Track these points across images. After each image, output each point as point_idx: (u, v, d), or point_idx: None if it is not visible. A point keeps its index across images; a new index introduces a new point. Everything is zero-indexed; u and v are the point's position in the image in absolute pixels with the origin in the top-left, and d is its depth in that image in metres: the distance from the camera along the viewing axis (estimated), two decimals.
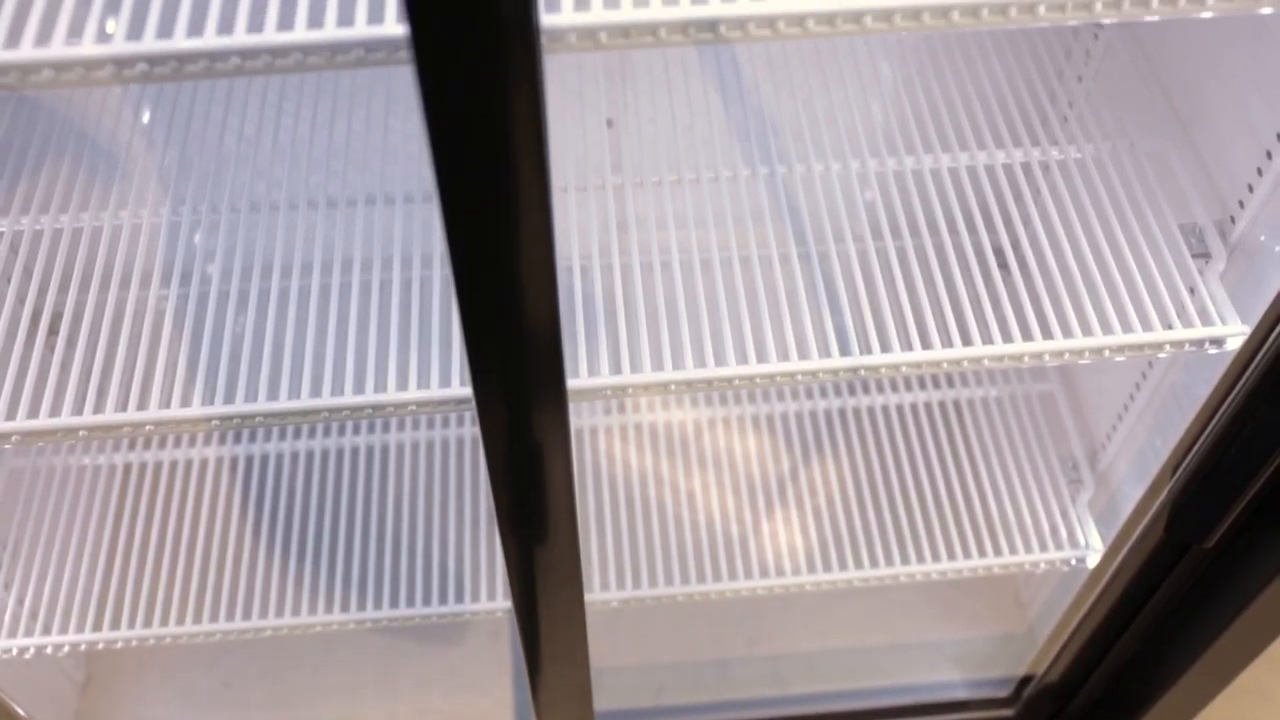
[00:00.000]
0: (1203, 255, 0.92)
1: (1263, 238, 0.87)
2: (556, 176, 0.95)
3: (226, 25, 0.63)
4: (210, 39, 0.61)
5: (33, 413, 0.86)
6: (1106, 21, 0.66)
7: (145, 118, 1.07)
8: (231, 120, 1.05)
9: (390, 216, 1.00)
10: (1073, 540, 1.15)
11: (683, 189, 1.00)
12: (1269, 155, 0.85)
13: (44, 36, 0.62)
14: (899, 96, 1.06)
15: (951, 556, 1.16)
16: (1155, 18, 0.66)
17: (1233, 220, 0.91)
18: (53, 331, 0.97)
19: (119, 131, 1.04)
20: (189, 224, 0.99)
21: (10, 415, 0.85)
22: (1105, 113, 1.02)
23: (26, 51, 0.61)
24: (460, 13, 0.51)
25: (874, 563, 1.16)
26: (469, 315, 0.64)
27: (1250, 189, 0.88)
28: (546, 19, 0.62)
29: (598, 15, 0.62)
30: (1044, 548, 1.15)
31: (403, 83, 1.06)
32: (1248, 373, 0.88)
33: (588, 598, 0.95)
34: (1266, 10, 0.66)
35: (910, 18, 0.64)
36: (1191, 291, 0.90)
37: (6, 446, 0.86)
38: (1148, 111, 0.99)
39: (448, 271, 0.94)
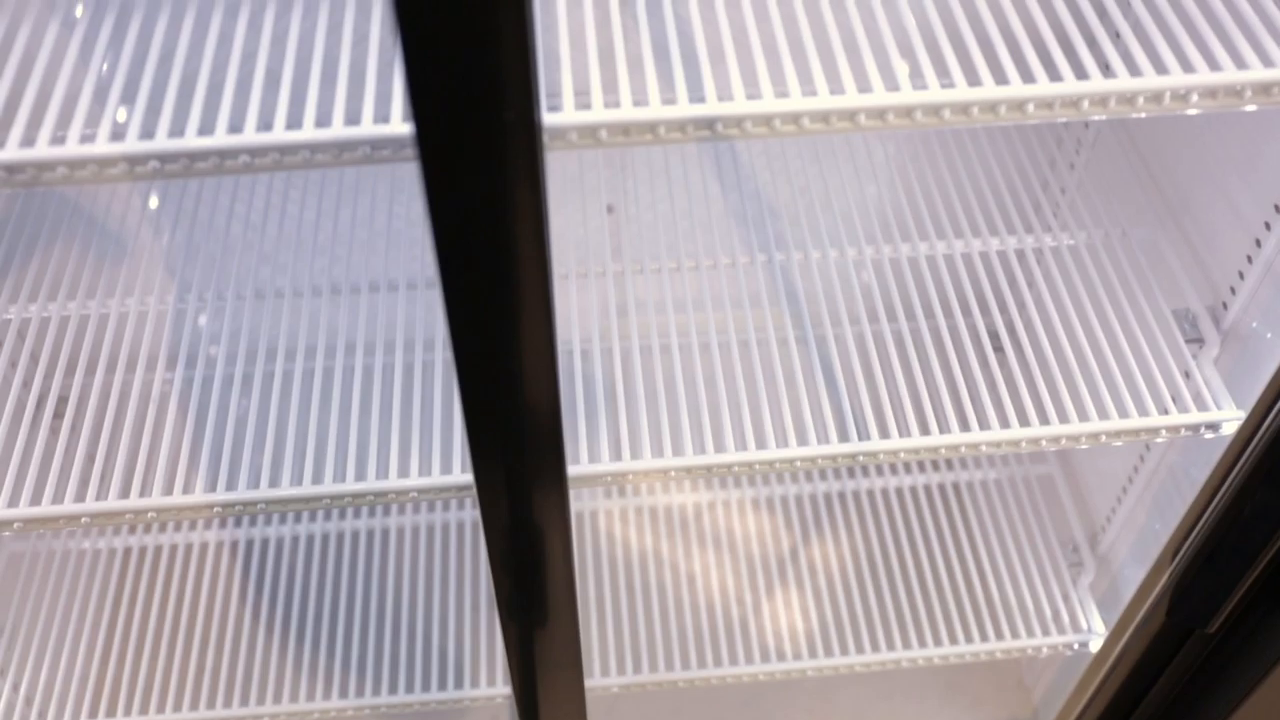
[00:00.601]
0: (1196, 340, 0.93)
1: (1255, 324, 0.88)
2: (557, 263, 0.97)
3: (237, 123, 0.65)
4: (221, 138, 0.63)
5: (35, 499, 0.86)
6: (1094, 118, 0.67)
7: (153, 203, 1.08)
8: (238, 208, 1.07)
9: (393, 303, 1.01)
10: (1075, 624, 1.15)
11: (682, 276, 1.01)
12: (1258, 243, 0.87)
13: (59, 133, 0.64)
14: (895, 183, 1.08)
15: (953, 641, 1.15)
16: (1142, 115, 0.67)
17: (1225, 306, 0.92)
18: (57, 415, 0.98)
19: (127, 217, 1.06)
20: (194, 310, 1.01)
21: (13, 502, 0.86)
22: (1097, 200, 1.04)
23: (42, 150, 0.63)
24: (464, 114, 0.52)
25: (875, 647, 1.16)
26: (470, 401, 0.65)
27: (1241, 275, 0.89)
28: (548, 118, 0.63)
29: (598, 114, 0.63)
30: (1046, 632, 1.15)
31: (407, 169, 1.08)
32: (1244, 456, 0.89)
33: (588, 683, 0.94)
34: (1250, 107, 0.68)
35: (903, 115, 0.65)
36: (1187, 376, 0.91)
37: (6, 533, 0.86)
38: (1138, 199, 1.01)
39: (449, 355, 0.95)
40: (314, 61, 0.69)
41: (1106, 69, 0.68)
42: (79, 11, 0.73)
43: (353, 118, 0.64)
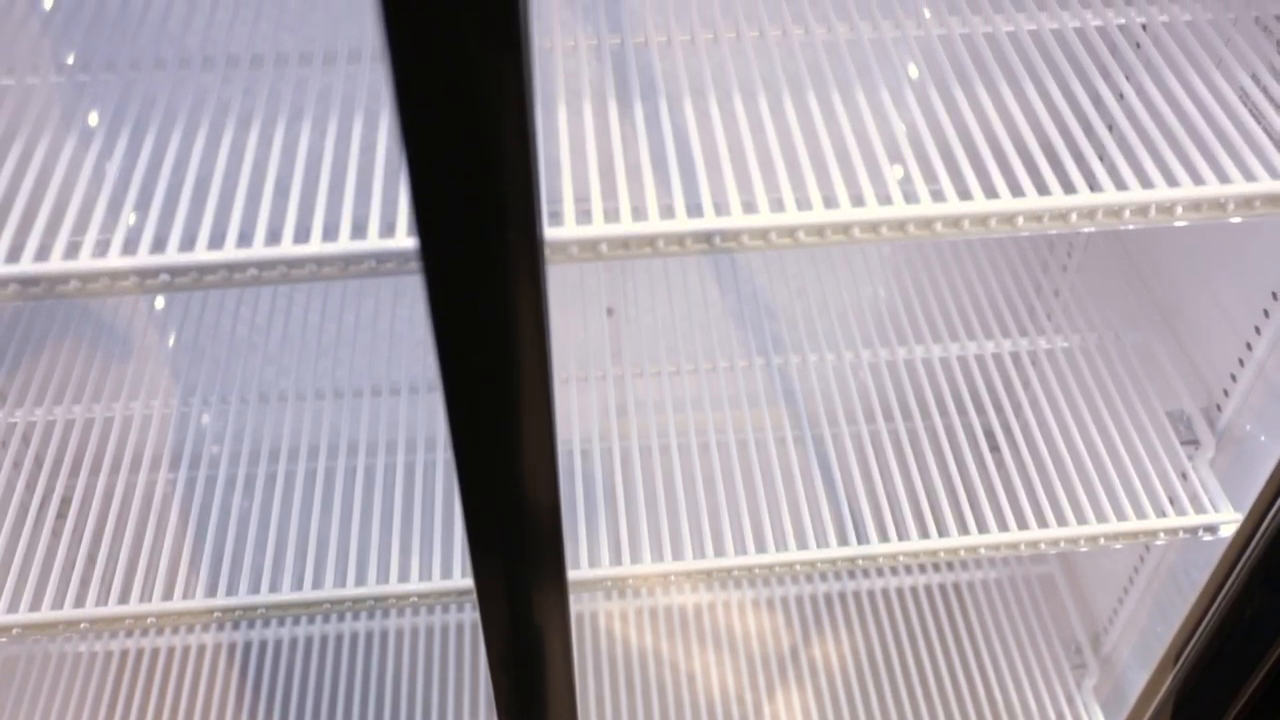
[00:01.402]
0: (1192, 442, 0.94)
1: (1249, 426, 0.89)
2: (558, 367, 0.98)
3: (247, 232, 0.66)
4: (230, 251, 0.65)
5: (35, 604, 0.86)
6: (1084, 230, 0.69)
7: (158, 303, 1.10)
8: (243, 310, 1.08)
9: (395, 406, 1.02)
10: None
11: (681, 379, 1.03)
12: (1248, 346, 0.88)
13: (73, 240, 0.66)
14: (891, 285, 1.10)
15: None
16: (1130, 226, 0.69)
17: (1219, 408, 0.93)
18: (60, 515, 0.98)
19: (133, 318, 1.08)
20: (198, 412, 1.02)
21: (12, 607, 0.86)
22: (1090, 303, 1.05)
23: (56, 264, 0.64)
24: (468, 234, 0.54)
25: None
26: (470, 504, 0.66)
27: (1233, 378, 0.90)
28: (549, 232, 0.65)
29: (598, 229, 0.65)
30: None
31: (410, 274, 1.09)
32: (1243, 559, 0.89)
33: None
34: (1235, 219, 0.70)
35: (896, 229, 0.67)
36: (1183, 477, 0.92)
37: (3, 639, 0.86)
38: (1131, 301, 1.03)
39: (450, 455, 0.96)
40: (322, 171, 0.70)
41: (1093, 182, 0.69)
42: (93, 120, 0.75)
43: (359, 228, 0.66)
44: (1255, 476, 0.87)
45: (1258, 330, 0.87)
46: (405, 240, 0.65)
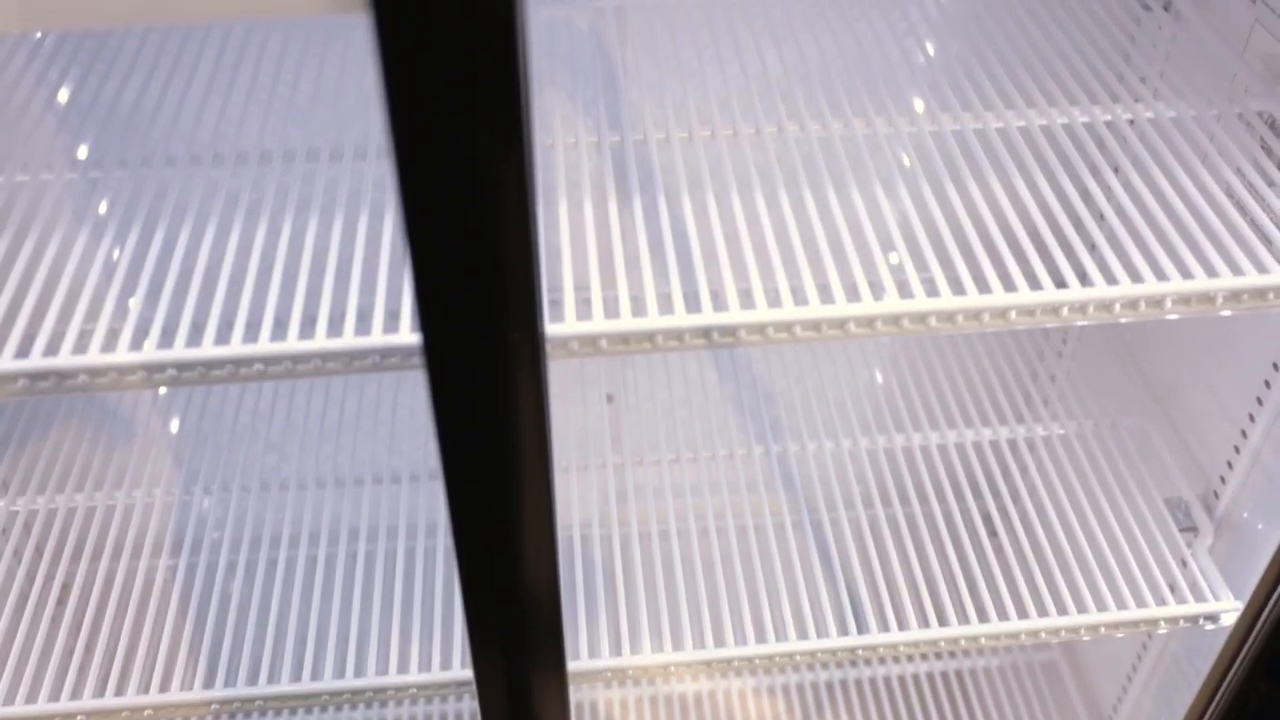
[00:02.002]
0: (1190, 529, 0.94)
1: (1246, 514, 0.89)
2: (558, 456, 0.98)
3: (254, 322, 0.67)
4: (236, 347, 0.66)
5: (31, 697, 0.85)
6: (1077, 324, 0.70)
7: (162, 389, 1.11)
8: (246, 397, 1.09)
9: (396, 494, 1.03)
10: None
11: (681, 467, 1.03)
12: (1243, 434, 0.89)
13: (84, 329, 0.67)
14: (888, 372, 1.11)
15: None
16: (1122, 320, 0.70)
17: (1216, 495, 0.93)
18: (60, 602, 0.98)
19: (137, 404, 1.08)
20: (199, 500, 1.02)
21: (9, 700, 0.85)
22: (1085, 390, 1.06)
23: (64, 359, 0.65)
24: (470, 331, 0.55)
25: None
26: (471, 594, 0.66)
27: (1229, 465, 0.91)
28: (550, 328, 0.66)
29: (598, 325, 0.66)
30: None
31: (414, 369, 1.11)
32: (1245, 648, 0.89)
33: None
34: (1225, 312, 0.71)
35: (890, 323, 0.68)
36: (1183, 565, 0.92)
37: None
38: (1126, 388, 1.04)
39: (450, 542, 0.96)
40: (329, 262, 0.72)
41: (1084, 276, 0.71)
42: (105, 214, 0.77)
43: (364, 318, 0.67)
44: (1255, 563, 0.87)
45: (1251, 418, 0.88)
46: (409, 336, 0.66)
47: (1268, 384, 0.86)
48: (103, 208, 0.77)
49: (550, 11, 0.93)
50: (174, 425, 1.10)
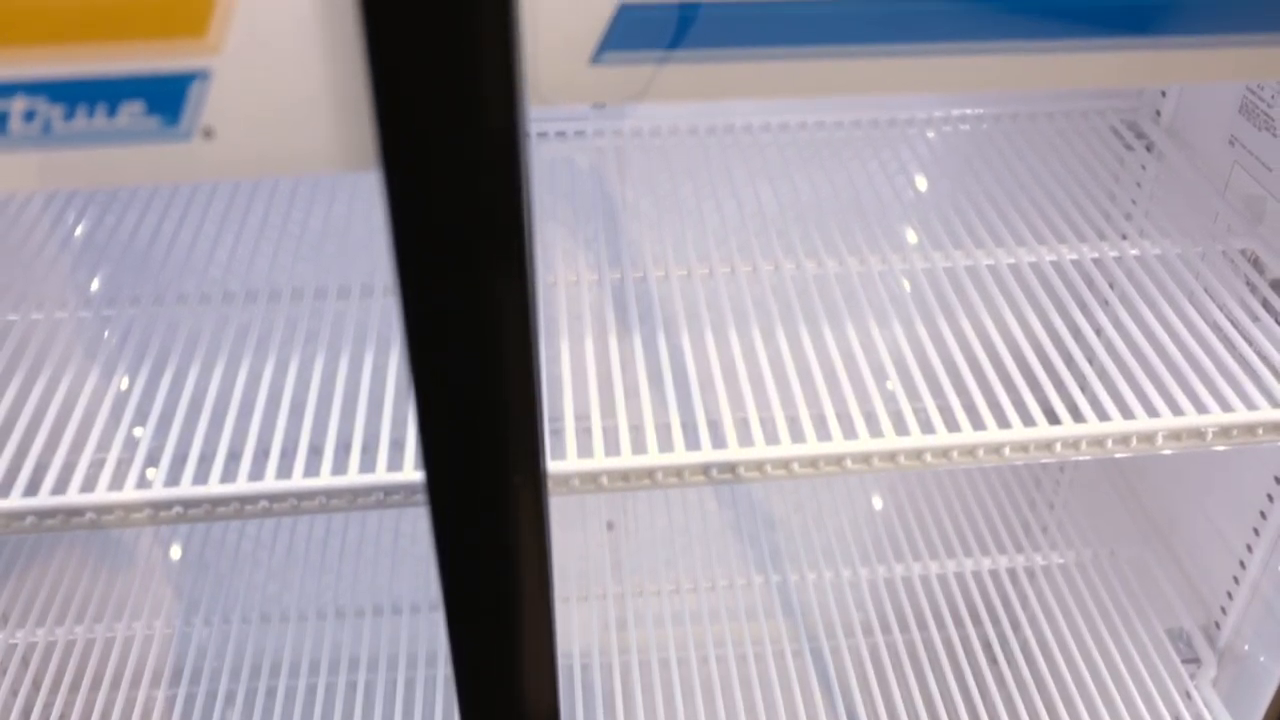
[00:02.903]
0: (1193, 660, 0.93)
1: (1247, 646, 0.89)
2: (559, 586, 0.99)
3: (259, 463, 0.69)
4: (242, 485, 0.67)
5: None
6: (1071, 459, 0.71)
7: (173, 555, 1.11)
8: (248, 526, 1.09)
9: (397, 624, 1.02)
10: None
11: (681, 597, 1.03)
12: (1242, 565, 0.89)
13: (89, 477, 0.68)
14: (887, 500, 1.12)
15: None
16: (1115, 455, 0.71)
17: (1218, 626, 0.93)
18: None
19: (139, 534, 1.09)
20: (200, 631, 1.02)
21: None
22: (1084, 518, 1.07)
23: (72, 497, 0.66)
24: (474, 470, 0.56)
25: None
26: None
27: (1230, 596, 0.91)
28: (552, 465, 0.67)
29: (599, 462, 0.67)
30: None
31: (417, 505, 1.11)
32: None
33: None
34: (1219, 447, 0.72)
35: (886, 459, 0.69)
36: (1187, 697, 0.91)
37: None
38: (1125, 517, 1.04)
39: (449, 671, 0.95)
40: (335, 393, 0.73)
41: (1076, 412, 0.72)
42: (116, 351, 0.79)
43: (369, 449, 0.68)
44: (1259, 698, 0.87)
45: (1249, 548, 0.88)
46: (412, 474, 0.67)
47: (1263, 515, 0.87)
48: (115, 344, 0.79)
49: (552, 150, 0.96)
50: (175, 553, 1.10)
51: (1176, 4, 0.54)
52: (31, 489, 0.67)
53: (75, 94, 0.48)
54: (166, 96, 0.48)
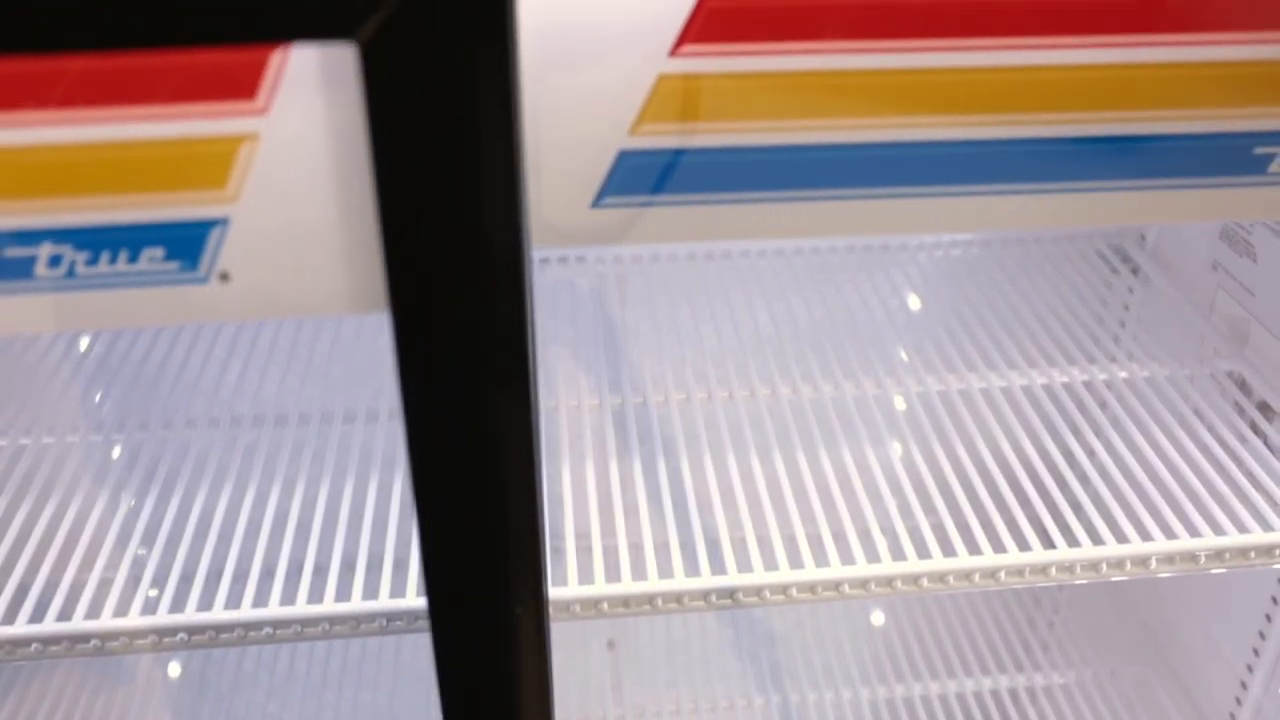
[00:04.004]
0: None
1: None
2: (560, 707, 0.98)
3: (263, 592, 0.69)
4: (246, 611, 0.67)
5: None
6: (1066, 583, 0.72)
7: (173, 672, 1.11)
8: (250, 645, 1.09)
9: None
10: None
11: (682, 718, 1.03)
12: (1244, 685, 0.89)
13: (95, 606, 0.68)
14: (888, 617, 1.12)
15: None
16: (1111, 579, 0.72)
17: None
18: None
19: (145, 687, 1.08)
20: None
21: None
22: (1084, 637, 1.07)
23: (77, 624, 0.67)
24: (476, 601, 0.57)
25: None
26: None
27: (1233, 717, 0.91)
28: (553, 591, 0.68)
29: (600, 588, 0.68)
30: None
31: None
32: None
33: None
34: (1217, 570, 0.73)
35: (884, 584, 0.70)
36: None
37: None
38: (1125, 635, 1.04)
39: None
40: (340, 513, 0.74)
41: (1070, 536, 0.73)
42: (125, 473, 0.80)
43: (374, 568, 0.69)
44: None
45: (1250, 669, 0.88)
46: (415, 600, 0.68)
47: (1262, 635, 0.87)
48: (124, 467, 0.80)
49: (554, 274, 0.99)
50: (174, 671, 1.10)
51: (1157, 150, 0.57)
52: (37, 614, 0.68)
53: (99, 241, 0.50)
54: (186, 243, 0.50)
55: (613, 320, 0.96)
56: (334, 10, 0.42)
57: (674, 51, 0.50)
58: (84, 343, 0.91)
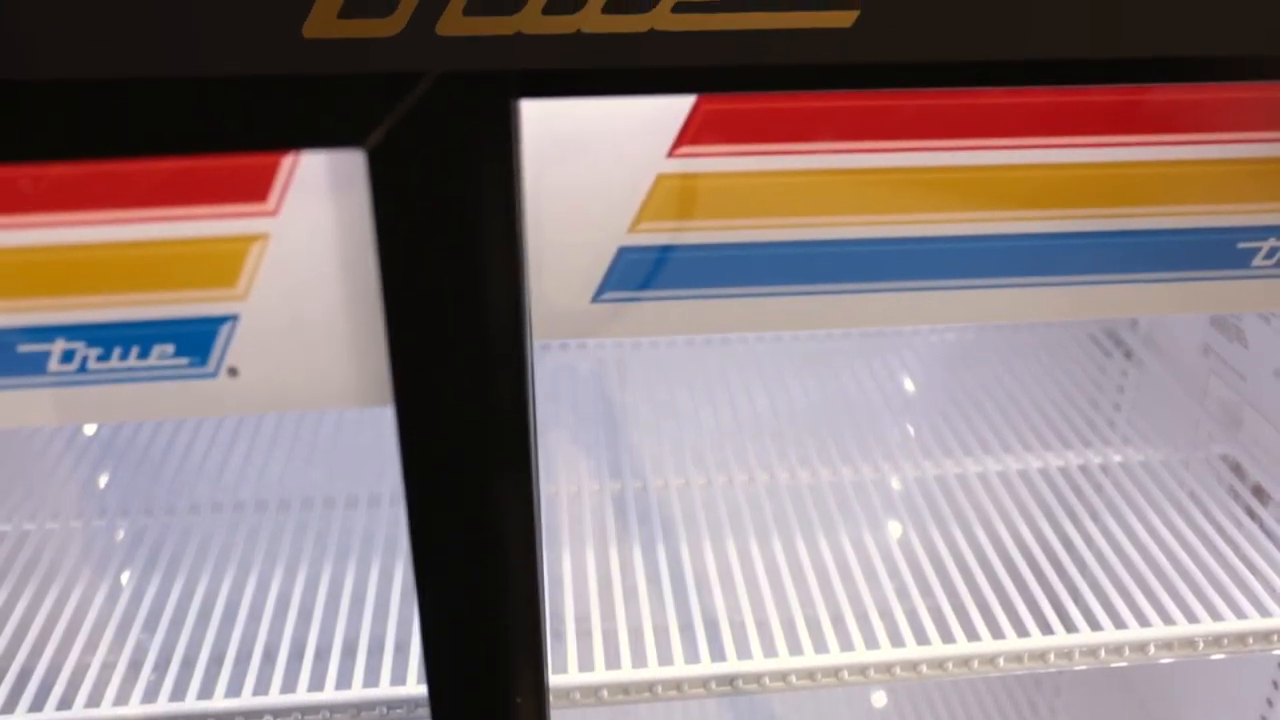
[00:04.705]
0: None
1: None
2: None
3: (265, 678, 0.69)
4: (247, 699, 0.68)
5: None
6: (1066, 669, 0.72)
7: None
8: None
9: None
10: None
11: None
12: None
13: (95, 695, 0.69)
14: (889, 699, 1.11)
15: None
16: (1110, 665, 0.72)
17: None
18: None
19: None
20: None
21: None
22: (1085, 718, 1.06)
23: (78, 712, 0.67)
24: (477, 691, 0.57)
25: None
26: None
27: None
28: (554, 679, 0.68)
29: (600, 675, 0.68)
30: None
31: None
32: None
33: None
34: (1217, 656, 0.73)
35: (883, 671, 0.70)
36: None
37: None
38: (1126, 719, 1.04)
39: None
40: (343, 597, 0.75)
41: (1068, 622, 0.73)
42: (129, 558, 0.81)
43: (375, 651, 0.69)
44: None
45: None
46: (416, 687, 0.68)
47: (1264, 719, 0.87)
48: (127, 553, 0.81)
49: (555, 359, 1.00)
50: None
51: (1144, 245, 0.58)
52: (38, 701, 0.68)
53: (112, 337, 0.51)
54: (196, 339, 0.51)
55: (612, 404, 0.98)
56: (344, 121, 0.44)
57: (672, 152, 0.52)
58: (89, 427, 0.92)
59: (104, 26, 0.40)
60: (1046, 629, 0.72)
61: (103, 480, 0.89)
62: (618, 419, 0.96)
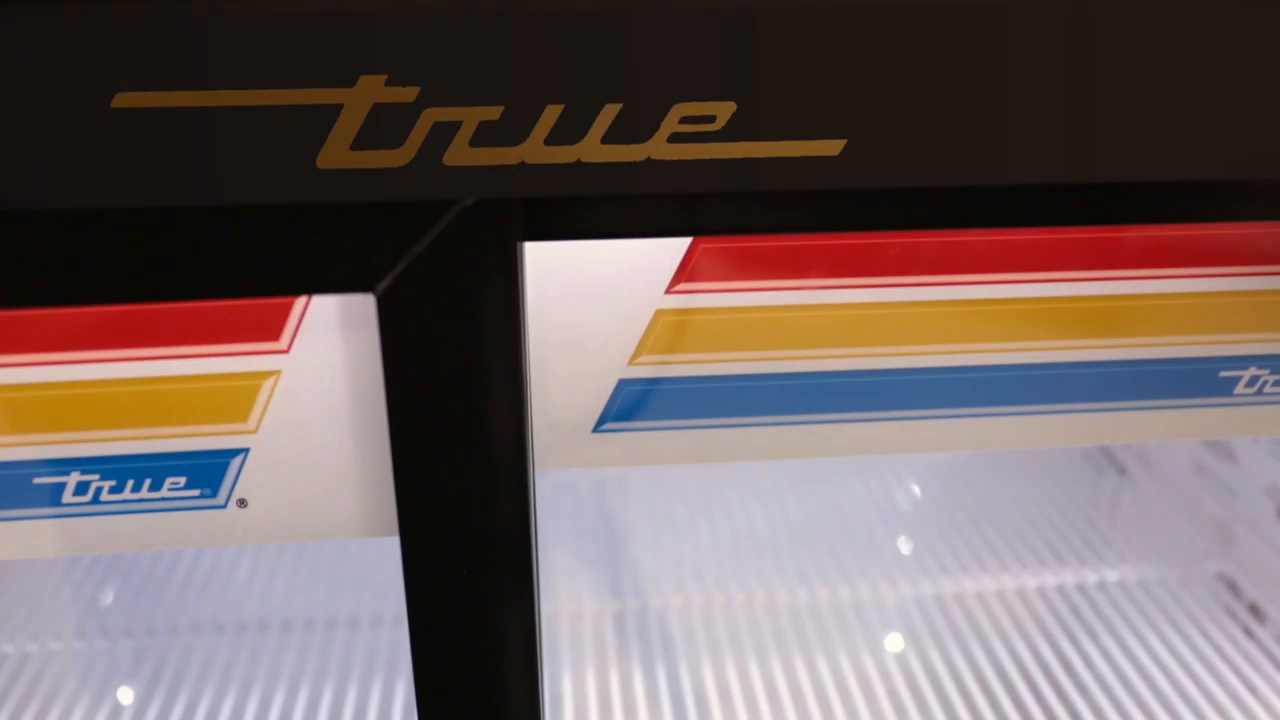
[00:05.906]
0: None
1: None
2: None
3: None
4: None
5: None
6: None
7: None
8: None
9: None
10: None
11: None
12: None
13: None
14: None
15: None
16: None
17: None
18: None
19: None
20: None
21: None
22: None
23: None
24: None
25: None
26: None
27: None
28: None
29: None
30: None
31: None
32: None
33: None
34: None
35: None
36: None
37: None
38: None
39: None
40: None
41: None
42: (132, 679, 0.81)
43: None
44: None
45: None
46: None
47: None
48: (128, 674, 0.81)
49: (556, 477, 1.01)
50: None
51: (1129, 375, 0.60)
52: None
53: (126, 470, 0.52)
54: (207, 471, 0.53)
55: (613, 519, 0.98)
56: (355, 267, 0.46)
57: (670, 289, 0.54)
58: None
59: (116, 159, 0.42)
60: None
61: (106, 599, 0.90)
62: (618, 535, 0.96)
